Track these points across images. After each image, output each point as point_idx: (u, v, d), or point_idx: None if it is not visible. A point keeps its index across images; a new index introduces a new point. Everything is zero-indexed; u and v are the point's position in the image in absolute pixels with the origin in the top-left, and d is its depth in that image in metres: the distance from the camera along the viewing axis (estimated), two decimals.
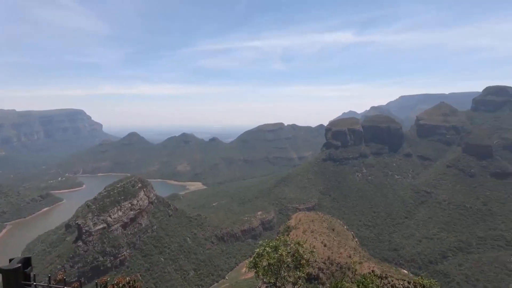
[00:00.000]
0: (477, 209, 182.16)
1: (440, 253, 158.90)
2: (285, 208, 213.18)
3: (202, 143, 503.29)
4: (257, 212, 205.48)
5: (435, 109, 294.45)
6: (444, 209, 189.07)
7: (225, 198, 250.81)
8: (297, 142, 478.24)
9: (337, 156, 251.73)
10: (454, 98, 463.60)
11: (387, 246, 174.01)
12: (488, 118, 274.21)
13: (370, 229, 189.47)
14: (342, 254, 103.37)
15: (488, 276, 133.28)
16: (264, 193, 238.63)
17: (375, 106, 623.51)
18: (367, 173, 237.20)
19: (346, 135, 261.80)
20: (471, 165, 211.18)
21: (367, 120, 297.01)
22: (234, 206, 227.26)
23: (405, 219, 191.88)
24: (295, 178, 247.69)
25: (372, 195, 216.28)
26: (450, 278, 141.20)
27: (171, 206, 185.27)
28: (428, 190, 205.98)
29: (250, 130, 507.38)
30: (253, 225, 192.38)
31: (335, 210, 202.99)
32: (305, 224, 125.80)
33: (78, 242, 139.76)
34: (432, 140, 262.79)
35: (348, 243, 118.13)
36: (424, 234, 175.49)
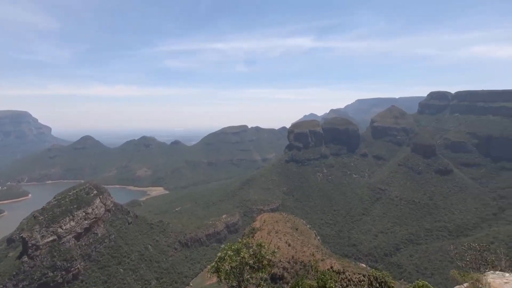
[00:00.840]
0: (424, 203, 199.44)
1: (394, 246, 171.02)
2: (249, 210, 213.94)
3: (164, 147, 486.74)
4: (222, 216, 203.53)
5: (387, 112, 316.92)
6: (397, 204, 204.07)
7: (188, 202, 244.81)
8: (261, 144, 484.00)
9: (299, 157, 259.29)
10: (403, 102, 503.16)
11: (347, 242, 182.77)
12: (431, 120, 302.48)
13: (331, 227, 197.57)
14: (305, 252, 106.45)
15: (434, 264, 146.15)
16: (229, 196, 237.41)
17: (334, 109, 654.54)
18: (327, 173, 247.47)
19: (308, 137, 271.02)
20: (418, 164, 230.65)
21: (326, 123, 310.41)
22: (198, 210, 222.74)
23: (363, 215, 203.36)
24: (259, 180, 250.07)
25: (333, 194, 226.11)
26: (403, 268, 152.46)
27: (131, 213, 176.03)
28: (383, 188, 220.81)
29: (214, 132, 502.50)
30: (218, 228, 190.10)
31: (298, 210, 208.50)
32: (270, 225, 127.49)
33: (23, 257, 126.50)
34: (385, 141, 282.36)
35: (311, 241, 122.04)
36: (379, 229, 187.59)
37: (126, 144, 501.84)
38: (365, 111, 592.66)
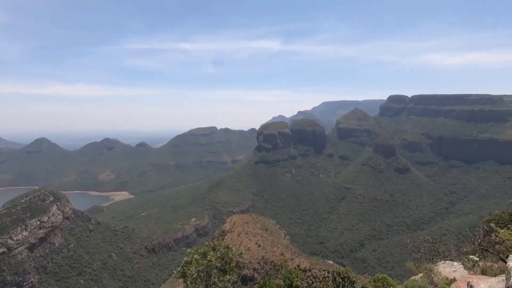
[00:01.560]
0: (385, 200, 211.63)
1: (358, 242, 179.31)
2: (219, 212, 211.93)
3: (129, 149, 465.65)
4: (190, 219, 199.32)
5: (351, 114, 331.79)
6: (361, 202, 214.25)
7: (155, 206, 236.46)
8: (230, 145, 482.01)
9: (269, 158, 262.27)
10: (366, 104, 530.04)
11: (315, 240, 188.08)
12: (391, 122, 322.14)
13: (299, 226, 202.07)
14: (275, 252, 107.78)
15: (395, 257, 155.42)
16: (198, 199, 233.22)
17: (301, 111, 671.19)
18: (296, 174, 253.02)
19: (277, 138, 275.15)
20: (380, 163, 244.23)
21: (294, 124, 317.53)
22: (166, 215, 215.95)
23: (330, 214, 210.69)
24: (228, 182, 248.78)
25: (301, 194, 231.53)
26: (367, 263, 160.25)
27: (92, 220, 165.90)
28: (348, 187, 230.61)
29: (182, 134, 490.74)
30: (186, 232, 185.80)
31: (268, 211, 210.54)
32: (240, 226, 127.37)
33: None
34: (349, 141, 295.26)
35: (281, 241, 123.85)
36: (345, 226, 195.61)
37: (86, 147, 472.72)
38: (331, 113, 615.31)
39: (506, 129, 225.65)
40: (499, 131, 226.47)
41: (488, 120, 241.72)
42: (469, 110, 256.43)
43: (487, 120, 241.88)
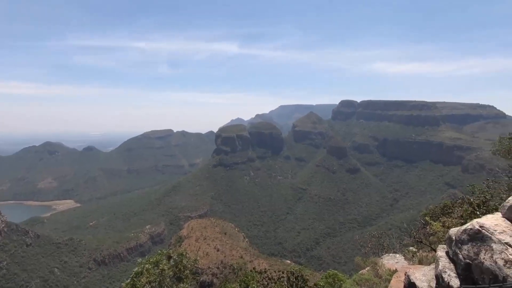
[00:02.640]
0: (338, 199, 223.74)
1: (314, 240, 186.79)
2: (176, 218, 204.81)
3: (75, 153, 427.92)
4: (145, 226, 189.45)
5: (306, 118, 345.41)
6: (316, 202, 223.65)
7: (106, 215, 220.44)
8: (188, 149, 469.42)
9: (227, 161, 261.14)
10: (320, 108, 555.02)
11: (273, 241, 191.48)
12: (342, 125, 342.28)
13: (258, 228, 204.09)
14: (234, 256, 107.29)
15: (347, 253, 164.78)
16: (153, 205, 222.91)
17: (259, 114, 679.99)
18: (254, 176, 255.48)
19: (235, 141, 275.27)
20: (333, 164, 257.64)
21: (252, 127, 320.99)
22: (117, 223, 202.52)
23: (287, 214, 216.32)
24: (186, 186, 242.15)
25: (259, 196, 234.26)
26: (322, 260, 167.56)
27: (30, 233, 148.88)
28: (304, 187, 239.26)
29: (136, 137, 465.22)
30: (140, 241, 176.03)
31: (226, 214, 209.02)
32: (198, 231, 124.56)
33: None
34: (305, 144, 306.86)
35: (240, 244, 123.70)
36: (302, 226, 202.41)
37: (23, 151, 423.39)
38: (287, 116, 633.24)
39: (438, 133, 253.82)
40: (433, 134, 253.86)
41: (424, 124, 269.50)
42: (408, 115, 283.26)
43: (423, 124, 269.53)
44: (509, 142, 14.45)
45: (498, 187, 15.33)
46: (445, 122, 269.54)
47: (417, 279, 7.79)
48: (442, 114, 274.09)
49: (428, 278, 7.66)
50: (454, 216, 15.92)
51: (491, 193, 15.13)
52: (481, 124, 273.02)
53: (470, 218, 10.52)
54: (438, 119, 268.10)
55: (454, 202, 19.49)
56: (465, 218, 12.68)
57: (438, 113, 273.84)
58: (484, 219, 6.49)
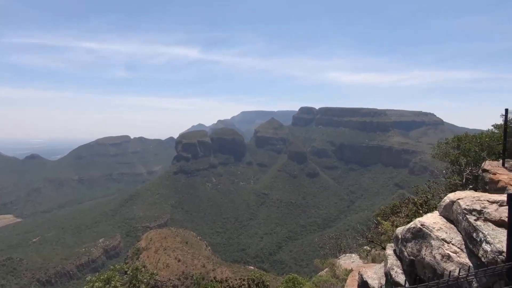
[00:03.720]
0: (299, 203, 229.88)
1: (277, 245, 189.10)
2: (134, 229, 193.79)
3: (14, 162, 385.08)
4: (98, 240, 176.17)
5: (267, 124, 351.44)
6: (278, 206, 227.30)
7: (52, 230, 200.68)
8: (146, 156, 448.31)
9: (188, 168, 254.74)
10: (280, 114, 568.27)
11: (236, 248, 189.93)
12: (302, 131, 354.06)
13: (221, 235, 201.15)
14: (196, 265, 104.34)
15: (308, 255, 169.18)
16: (108, 216, 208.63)
17: (221, 120, 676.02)
18: (216, 182, 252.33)
19: (196, 147, 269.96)
20: (294, 169, 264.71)
21: (214, 133, 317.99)
22: (66, 238, 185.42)
23: (250, 220, 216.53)
24: (144, 195, 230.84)
25: (222, 203, 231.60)
26: (284, 264, 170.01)
27: None
28: (266, 192, 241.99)
29: (88, 144, 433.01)
30: (93, 256, 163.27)
31: (188, 223, 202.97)
32: (157, 242, 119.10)
33: None
34: (267, 149, 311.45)
35: (202, 253, 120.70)
36: (264, 231, 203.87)
37: None
38: (249, 122, 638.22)
39: (388, 138, 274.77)
40: (384, 139, 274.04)
41: (376, 130, 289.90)
42: (362, 121, 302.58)
43: (375, 130, 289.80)
44: (445, 146, 16.13)
45: (437, 187, 16.98)
46: (394, 128, 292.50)
47: (369, 277, 8.23)
48: (391, 121, 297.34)
49: (378, 276, 8.14)
50: (401, 215, 17.24)
51: (432, 193, 16.71)
52: (424, 130, 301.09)
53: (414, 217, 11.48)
54: (388, 125, 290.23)
55: (402, 202, 21.11)
56: (410, 217, 13.80)
57: (388, 120, 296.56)
58: (425, 218, 7.07)
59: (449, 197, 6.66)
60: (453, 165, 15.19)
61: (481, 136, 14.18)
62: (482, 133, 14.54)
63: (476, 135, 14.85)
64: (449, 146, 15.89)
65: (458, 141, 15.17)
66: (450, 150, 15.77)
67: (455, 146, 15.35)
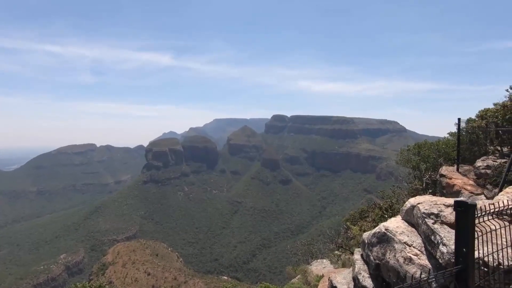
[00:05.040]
0: (272, 210, 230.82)
1: (251, 253, 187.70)
2: (99, 243, 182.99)
3: None
4: (59, 256, 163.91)
5: (240, 131, 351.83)
6: (251, 214, 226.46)
7: (6, 246, 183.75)
8: (114, 165, 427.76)
9: (159, 177, 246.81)
10: (253, 122, 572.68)
11: (209, 258, 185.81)
12: (275, 138, 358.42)
13: (193, 246, 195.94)
14: (167, 278, 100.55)
15: (282, 262, 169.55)
16: (70, 230, 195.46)
17: (193, 127, 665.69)
18: (188, 191, 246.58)
19: (167, 155, 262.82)
20: (267, 176, 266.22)
21: (186, 141, 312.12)
22: (22, 255, 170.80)
23: (223, 229, 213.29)
24: (111, 206, 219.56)
25: (194, 212, 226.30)
26: (259, 272, 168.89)
27: None
28: (239, 200, 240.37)
29: (48, 153, 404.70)
30: (53, 274, 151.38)
31: (158, 234, 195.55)
32: (125, 256, 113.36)
33: None
34: (240, 157, 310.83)
35: (173, 265, 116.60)
36: (238, 239, 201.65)
37: None
38: (222, 129, 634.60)
39: (356, 145, 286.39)
40: (352, 146, 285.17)
41: (345, 137, 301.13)
42: (332, 129, 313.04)
43: (344, 137, 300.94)
44: (407, 153, 17.10)
45: (401, 192, 17.88)
46: (361, 135, 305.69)
47: (338, 282, 8.37)
48: (359, 128, 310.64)
49: (347, 281, 8.31)
50: (368, 220, 17.89)
51: (396, 197, 17.56)
52: (389, 137, 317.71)
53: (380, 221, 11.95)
54: (356, 133, 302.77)
55: (369, 207, 21.93)
56: (376, 221, 14.36)
57: (356, 127, 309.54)
58: (389, 222, 7.35)
59: (410, 201, 7.00)
60: (414, 170, 16.10)
61: (438, 143, 15.19)
62: (439, 141, 15.57)
63: (434, 142, 15.88)
64: (411, 152, 16.84)
65: (418, 148, 16.12)
66: (411, 157, 16.70)
67: (416, 152, 16.30)
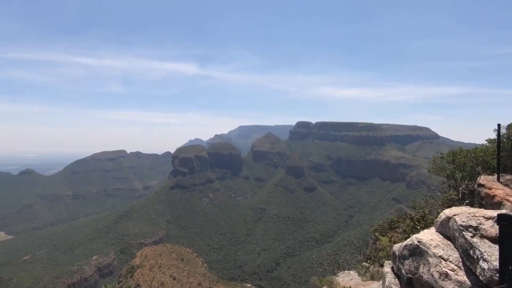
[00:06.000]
0: (297, 218, 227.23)
1: (274, 261, 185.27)
2: (128, 246, 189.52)
3: (8, 178, 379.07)
4: (91, 257, 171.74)
5: (264, 138, 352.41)
6: (275, 222, 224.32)
7: (44, 247, 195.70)
8: (142, 170, 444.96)
9: (185, 183, 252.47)
10: (277, 129, 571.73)
11: (233, 265, 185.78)
12: (299, 145, 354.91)
13: (217, 252, 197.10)
14: (192, 283, 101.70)
15: (307, 272, 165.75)
16: (102, 233, 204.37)
17: (218, 134, 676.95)
18: (213, 197, 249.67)
19: (193, 161, 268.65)
20: (291, 183, 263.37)
21: (211, 147, 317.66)
22: (58, 256, 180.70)
23: (247, 236, 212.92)
24: (140, 210, 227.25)
25: (218, 218, 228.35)
26: (283, 281, 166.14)
27: None
28: (263, 207, 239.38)
29: (83, 158, 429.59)
30: (86, 274, 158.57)
31: (184, 239, 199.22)
32: (152, 259, 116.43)
33: None
34: (264, 164, 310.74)
35: (198, 270, 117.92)
36: (262, 247, 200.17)
37: None
38: (246, 136, 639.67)
39: (384, 152, 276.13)
40: (380, 153, 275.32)
41: (372, 144, 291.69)
42: (358, 135, 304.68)
43: (371, 144, 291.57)
44: (441, 161, 16.21)
45: (434, 202, 16.93)
46: (390, 142, 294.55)
47: None
48: (387, 135, 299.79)
49: None
50: (399, 231, 17.08)
51: (429, 208, 16.64)
52: (420, 144, 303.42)
53: (412, 233, 11.37)
54: (384, 140, 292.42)
55: (399, 217, 20.94)
56: (407, 232, 13.67)
57: (384, 134, 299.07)
58: (422, 234, 7.00)
59: (445, 213, 6.64)
60: (449, 179, 15.22)
61: (475, 151, 14.30)
62: (476, 148, 14.68)
63: (471, 149, 14.98)
64: (445, 160, 15.96)
65: (453, 155, 15.26)
66: (445, 165, 15.83)
67: (451, 160, 15.43)
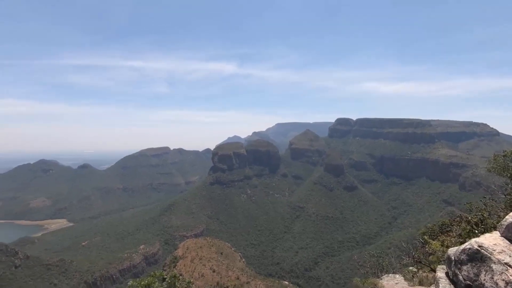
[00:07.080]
0: (336, 217, 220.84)
1: (313, 260, 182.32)
2: (171, 238, 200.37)
3: (69, 172, 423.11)
4: (139, 246, 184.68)
5: (302, 136, 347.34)
6: (314, 220, 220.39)
7: (98, 234, 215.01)
8: (184, 166, 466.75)
9: (224, 179, 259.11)
10: (316, 126, 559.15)
11: (271, 261, 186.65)
12: (339, 143, 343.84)
13: (255, 247, 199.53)
14: (230, 277, 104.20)
15: (346, 273, 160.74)
16: (148, 224, 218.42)
17: (256, 132, 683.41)
18: (251, 194, 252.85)
19: (232, 158, 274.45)
20: (330, 181, 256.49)
21: (249, 145, 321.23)
22: (110, 243, 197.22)
23: (285, 233, 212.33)
24: (182, 204, 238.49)
25: (256, 214, 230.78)
26: (321, 281, 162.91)
27: (20, 253, 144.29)
28: (301, 205, 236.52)
29: (132, 155, 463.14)
30: (134, 261, 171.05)
31: (223, 233, 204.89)
32: (193, 251, 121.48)
33: None
34: (302, 161, 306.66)
35: (236, 264, 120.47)
36: (299, 245, 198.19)
37: (16, 169, 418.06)
38: (284, 134, 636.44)
39: (433, 150, 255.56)
40: (429, 151, 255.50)
41: (419, 141, 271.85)
42: (404, 132, 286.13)
43: (419, 142, 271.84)
44: (504, 159, 14.55)
45: (495, 205, 15.26)
46: (440, 139, 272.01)
47: None
48: (437, 132, 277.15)
49: None
50: (452, 235, 15.72)
51: (488, 211, 15.03)
52: (476, 142, 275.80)
53: (468, 237, 10.39)
54: (433, 137, 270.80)
55: (452, 220, 19.29)
56: (463, 237, 12.51)
57: (433, 131, 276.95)
58: (483, 238, 6.38)
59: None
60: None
61: None
62: None
63: None
64: (508, 159, 14.30)
65: None
66: (509, 164, 14.18)
67: None
